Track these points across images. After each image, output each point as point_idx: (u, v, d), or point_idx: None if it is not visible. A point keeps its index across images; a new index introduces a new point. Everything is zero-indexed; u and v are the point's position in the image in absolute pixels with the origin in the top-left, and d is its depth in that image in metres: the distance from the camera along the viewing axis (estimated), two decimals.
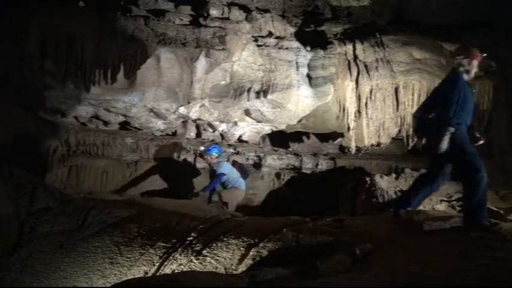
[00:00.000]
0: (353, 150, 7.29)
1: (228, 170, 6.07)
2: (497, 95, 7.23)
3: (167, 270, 3.75)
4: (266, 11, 7.19)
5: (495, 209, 4.92)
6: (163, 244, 4.06)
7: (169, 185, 6.99)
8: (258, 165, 7.84)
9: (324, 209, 5.59)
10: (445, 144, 3.26)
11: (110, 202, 5.00)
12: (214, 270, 3.46)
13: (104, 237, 4.37)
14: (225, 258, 3.59)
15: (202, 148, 6.76)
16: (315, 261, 2.71)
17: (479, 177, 3.15)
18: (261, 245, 3.60)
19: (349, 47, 6.90)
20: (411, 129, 7.04)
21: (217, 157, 6.26)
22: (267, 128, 7.69)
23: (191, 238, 4.06)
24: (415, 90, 6.85)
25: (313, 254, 3.12)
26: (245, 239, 3.77)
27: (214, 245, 3.81)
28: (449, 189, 6.21)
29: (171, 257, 3.86)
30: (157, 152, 7.20)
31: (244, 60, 6.70)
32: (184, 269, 3.64)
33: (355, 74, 6.83)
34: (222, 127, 7.58)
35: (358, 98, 6.91)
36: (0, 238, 4.47)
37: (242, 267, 3.39)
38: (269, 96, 6.76)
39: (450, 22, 7.36)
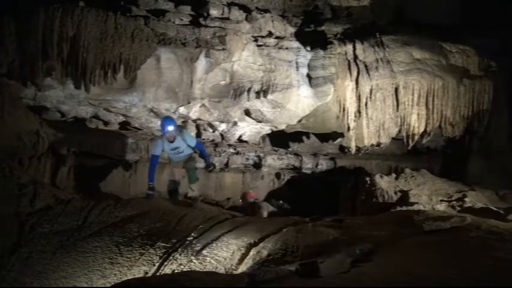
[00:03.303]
0: (353, 150, 7.28)
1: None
2: (497, 95, 7.24)
3: (167, 270, 3.75)
4: (266, 11, 7.17)
5: (495, 209, 4.93)
6: (163, 244, 4.06)
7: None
8: (258, 165, 7.84)
9: (324, 209, 5.60)
10: None
11: (110, 202, 5.00)
12: (214, 270, 3.46)
13: (104, 237, 4.37)
14: (225, 258, 3.59)
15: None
16: (315, 261, 2.72)
17: None
18: (261, 245, 3.60)
19: (349, 47, 6.89)
20: (411, 129, 7.06)
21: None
22: (267, 128, 7.68)
23: (191, 238, 4.07)
24: (415, 90, 6.85)
25: (313, 254, 3.13)
26: (245, 239, 3.77)
27: (214, 245, 3.82)
28: (449, 189, 6.22)
29: (171, 257, 3.87)
30: None
31: (244, 60, 6.69)
32: (184, 269, 3.64)
33: (355, 74, 6.82)
34: (222, 127, 7.57)
35: (358, 98, 6.90)
36: (0, 238, 4.47)
37: (242, 267, 3.40)
38: (269, 96, 6.75)
39: (450, 22, 7.38)
